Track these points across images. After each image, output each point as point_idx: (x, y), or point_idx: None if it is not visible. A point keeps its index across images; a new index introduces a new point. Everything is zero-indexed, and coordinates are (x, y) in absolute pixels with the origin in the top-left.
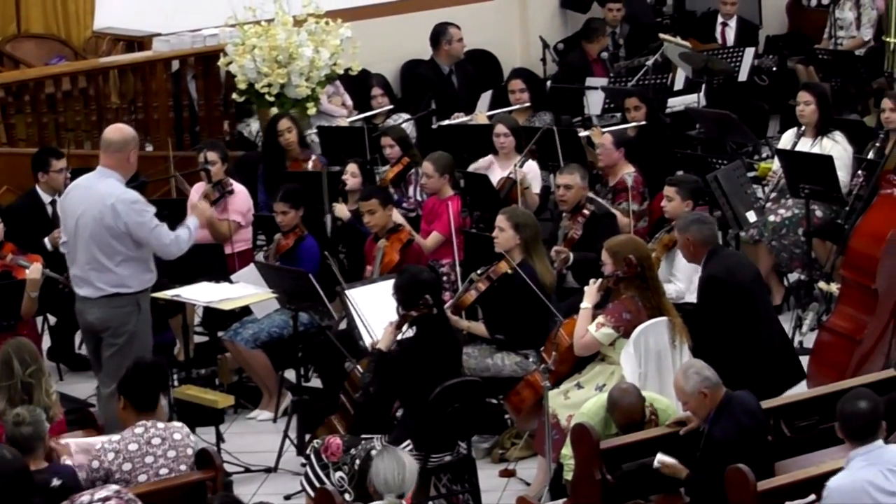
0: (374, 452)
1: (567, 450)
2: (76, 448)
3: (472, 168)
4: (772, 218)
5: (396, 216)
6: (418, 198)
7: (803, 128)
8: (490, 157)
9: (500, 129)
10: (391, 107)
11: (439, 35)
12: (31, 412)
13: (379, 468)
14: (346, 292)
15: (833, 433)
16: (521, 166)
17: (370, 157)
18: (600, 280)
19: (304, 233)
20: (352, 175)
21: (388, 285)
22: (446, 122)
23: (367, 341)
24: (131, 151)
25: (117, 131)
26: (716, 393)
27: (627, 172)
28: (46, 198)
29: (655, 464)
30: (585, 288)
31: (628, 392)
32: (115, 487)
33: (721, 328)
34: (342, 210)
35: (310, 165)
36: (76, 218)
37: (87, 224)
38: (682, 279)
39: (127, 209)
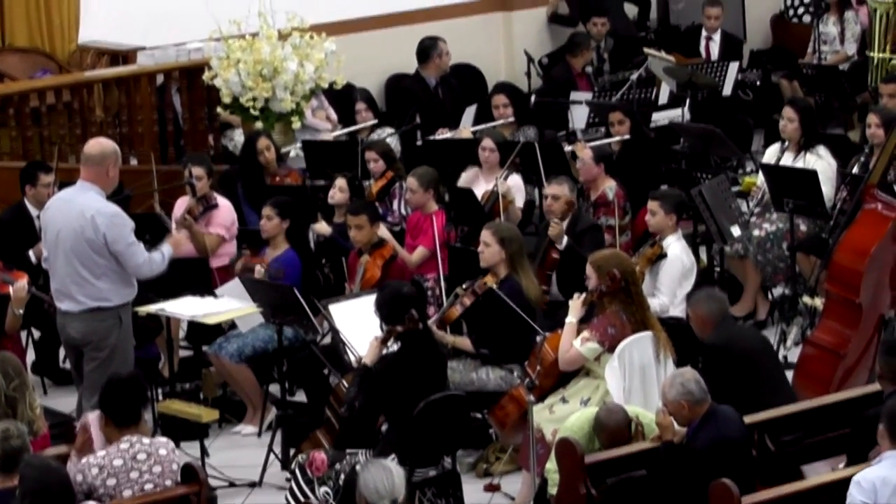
0: (358, 467)
1: (551, 464)
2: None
3: (460, 183)
4: (756, 232)
5: (383, 231)
6: (403, 212)
7: (786, 142)
8: (475, 168)
9: (487, 143)
10: (375, 121)
11: (429, 49)
12: (15, 426)
13: (367, 479)
14: (330, 307)
15: (818, 448)
16: (504, 179)
17: (361, 172)
18: (585, 294)
19: (286, 248)
20: (340, 189)
21: (371, 300)
22: (431, 138)
23: (351, 356)
24: (110, 165)
25: (96, 145)
26: (698, 406)
27: (609, 186)
28: (34, 211)
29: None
30: (570, 302)
31: (615, 413)
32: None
33: (726, 397)
34: (322, 227)
35: (288, 180)
36: (56, 231)
37: (68, 237)
38: (665, 293)
39: (107, 222)
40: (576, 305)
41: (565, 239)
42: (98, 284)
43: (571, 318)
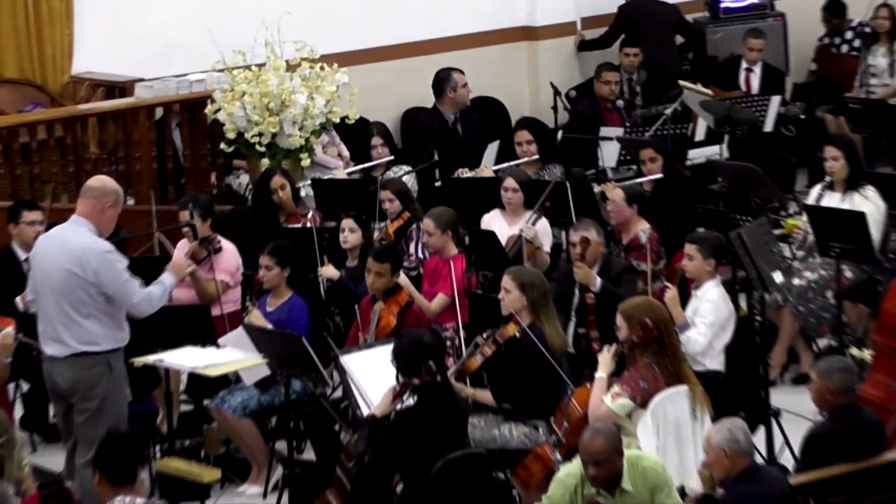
0: None
1: None
2: None
3: (482, 226)
4: (796, 281)
5: (403, 279)
6: (420, 255)
7: (827, 179)
8: (497, 210)
9: (510, 183)
10: (391, 158)
11: (442, 81)
12: None
13: None
14: (342, 358)
15: None
16: (532, 224)
17: (377, 212)
18: (615, 346)
19: (289, 294)
20: (350, 230)
21: (386, 351)
22: (451, 177)
23: (364, 411)
24: (108, 205)
25: (98, 180)
26: (739, 459)
27: (642, 229)
28: (22, 254)
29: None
30: (599, 355)
31: (600, 433)
32: None
33: None
34: (329, 271)
35: (308, 221)
36: (44, 269)
37: (56, 274)
38: (705, 330)
39: (98, 258)
40: (605, 359)
41: (598, 280)
42: (86, 325)
43: (601, 373)
